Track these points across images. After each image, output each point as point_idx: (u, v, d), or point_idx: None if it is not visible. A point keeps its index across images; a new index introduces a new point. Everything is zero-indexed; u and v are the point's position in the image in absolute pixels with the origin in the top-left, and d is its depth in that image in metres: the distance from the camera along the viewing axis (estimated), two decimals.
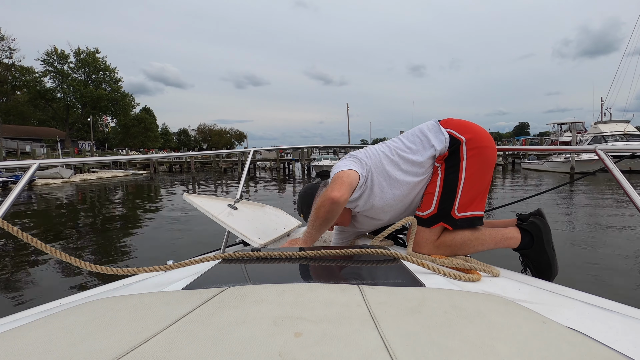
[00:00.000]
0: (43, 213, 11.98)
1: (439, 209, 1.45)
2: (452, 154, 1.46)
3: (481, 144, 1.47)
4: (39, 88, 42.78)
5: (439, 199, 1.45)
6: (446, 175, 1.46)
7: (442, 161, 1.48)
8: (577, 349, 0.51)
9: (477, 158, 1.45)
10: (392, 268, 1.07)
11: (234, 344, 0.51)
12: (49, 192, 18.50)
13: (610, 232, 6.89)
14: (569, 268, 4.45)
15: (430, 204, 1.46)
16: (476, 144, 1.46)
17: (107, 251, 6.52)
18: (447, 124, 1.53)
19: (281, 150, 32.81)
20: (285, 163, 38.39)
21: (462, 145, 1.45)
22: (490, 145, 1.49)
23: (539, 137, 46.61)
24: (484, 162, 1.47)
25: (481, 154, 1.46)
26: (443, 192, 1.45)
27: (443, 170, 1.47)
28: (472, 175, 1.44)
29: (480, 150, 1.46)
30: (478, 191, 1.46)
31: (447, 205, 1.44)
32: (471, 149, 1.45)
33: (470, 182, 1.44)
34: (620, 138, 23.82)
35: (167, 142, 73.87)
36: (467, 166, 1.44)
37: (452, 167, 1.46)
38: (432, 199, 1.47)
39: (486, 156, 1.47)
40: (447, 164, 1.47)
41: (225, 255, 1.18)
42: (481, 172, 1.46)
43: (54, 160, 1.54)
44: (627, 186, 1.33)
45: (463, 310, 0.63)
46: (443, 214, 1.44)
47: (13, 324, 0.81)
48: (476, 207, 1.45)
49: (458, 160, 1.45)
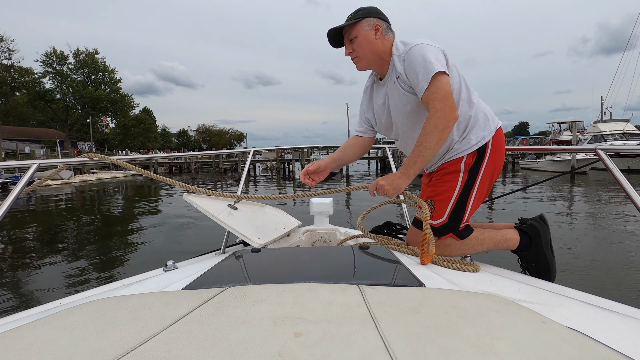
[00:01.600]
0: (42, 214, 11.98)
1: (450, 218, 1.43)
2: (476, 165, 1.44)
3: (497, 164, 1.48)
4: (38, 89, 42.68)
5: (453, 209, 1.43)
6: (465, 186, 1.44)
7: (467, 168, 1.44)
8: (577, 349, 0.51)
9: (489, 175, 1.46)
10: (392, 268, 1.07)
11: (234, 344, 0.51)
12: (48, 193, 18.47)
13: (610, 231, 6.88)
14: (569, 268, 4.46)
15: (443, 213, 1.44)
16: (494, 163, 1.46)
17: (107, 252, 6.50)
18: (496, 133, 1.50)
19: (281, 151, 32.80)
20: (285, 163, 38.37)
21: (486, 158, 1.44)
22: (500, 168, 1.50)
23: (539, 137, 46.59)
24: (490, 181, 1.48)
25: (494, 173, 1.47)
26: (457, 203, 1.43)
27: (464, 180, 1.44)
28: (481, 191, 1.46)
29: (494, 170, 1.47)
30: (479, 204, 1.48)
31: (458, 216, 1.43)
32: (489, 166, 1.45)
33: (478, 198, 1.45)
34: (620, 137, 23.83)
35: (167, 142, 73.82)
36: (481, 182, 1.44)
37: (471, 180, 1.44)
38: (445, 207, 1.43)
39: (493, 178, 1.49)
40: (470, 174, 1.44)
41: (225, 255, 1.18)
42: (487, 188, 1.49)
43: (54, 160, 1.54)
44: (627, 186, 1.33)
45: (463, 310, 0.63)
46: (453, 225, 1.43)
47: (13, 324, 0.81)
48: (469, 219, 1.48)
49: (477, 174, 1.44)
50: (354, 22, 1.45)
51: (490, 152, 1.43)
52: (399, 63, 1.42)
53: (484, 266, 1.33)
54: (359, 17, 1.46)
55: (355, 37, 1.47)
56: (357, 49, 1.48)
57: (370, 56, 1.49)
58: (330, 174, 1.61)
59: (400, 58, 1.41)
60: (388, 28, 1.50)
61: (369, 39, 1.46)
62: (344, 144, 1.73)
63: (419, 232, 1.47)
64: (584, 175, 19.49)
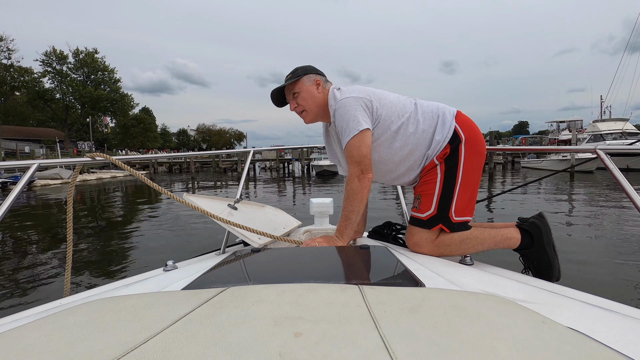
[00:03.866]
0: (42, 214, 11.97)
1: (438, 210, 1.45)
2: (452, 154, 1.46)
3: (478, 148, 1.49)
4: (38, 89, 42.67)
5: (439, 200, 1.45)
6: (445, 177, 1.46)
7: (442, 160, 1.48)
8: (577, 349, 0.51)
9: (472, 161, 1.47)
10: (392, 268, 1.07)
11: (234, 344, 0.51)
12: (48, 193, 18.46)
13: (609, 231, 6.88)
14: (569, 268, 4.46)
15: (430, 205, 1.46)
16: (474, 147, 1.48)
17: (107, 252, 6.51)
18: (458, 117, 1.53)
19: (280, 150, 32.83)
20: (284, 163, 38.39)
21: (461, 144, 1.46)
22: (483, 152, 1.52)
23: (538, 136, 46.69)
24: (476, 167, 1.50)
25: (475, 158, 1.48)
26: (442, 194, 1.45)
27: (443, 171, 1.47)
28: (467, 179, 1.46)
29: (475, 155, 1.48)
30: (471, 195, 1.49)
31: (446, 206, 1.45)
32: (469, 150, 1.46)
33: (465, 185, 1.46)
34: (619, 136, 23.88)
35: (167, 142, 73.86)
36: (464, 169, 1.45)
37: (451, 169, 1.46)
38: (431, 200, 1.46)
39: (479, 162, 1.50)
40: (447, 164, 1.47)
41: (225, 255, 1.18)
42: (474, 176, 1.49)
43: (54, 160, 1.54)
44: (626, 186, 1.33)
45: (463, 310, 0.63)
46: (442, 216, 1.45)
47: (13, 324, 0.81)
48: (469, 212, 1.49)
49: (456, 162, 1.46)
50: (296, 80, 1.59)
51: (462, 134, 1.47)
52: (332, 114, 1.53)
53: (484, 266, 1.33)
54: (299, 74, 1.60)
55: (298, 93, 1.60)
56: (301, 103, 1.60)
57: (315, 109, 1.61)
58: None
59: (332, 109, 1.52)
60: (326, 80, 1.65)
61: (312, 93, 1.60)
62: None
63: (417, 230, 1.47)
64: (590, 175, 19.54)
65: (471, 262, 1.38)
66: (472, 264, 1.36)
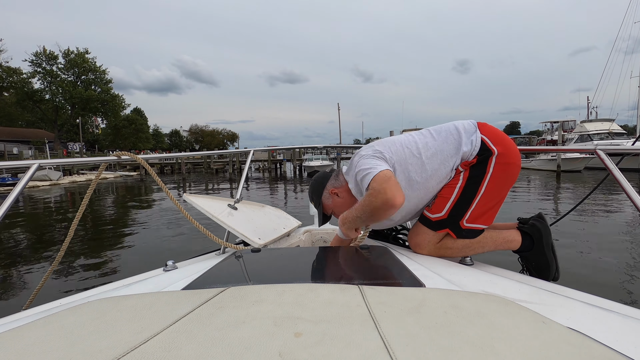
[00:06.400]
0: (33, 216, 11.78)
1: (449, 215, 1.41)
2: (480, 164, 1.40)
3: (510, 159, 1.42)
4: (27, 89, 42.03)
5: (452, 206, 1.41)
6: (467, 185, 1.40)
7: (467, 167, 1.41)
8: (577, 349, 0.51)
9: (502, 173, 1.40)
10: (392, 268, 1.07)
11: (234, 344, 0.51)
12: (37, 195, 18.18)
13: (609, 230, 6.91)
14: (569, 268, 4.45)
15: (442, 208, 1.42)
16: (506, 159, 1.41)
17: (106, 252, 6.41)
18: (482, 128, 1.46)
19: (273, 151, 32.75)
20: (277, 163, 38.32)
21: (492, 157, 1.39)
22: (518, 163, 1.44)
23: (528, 136, 47.22)
24: (507, 179, 1.43)
25: (508, 170, 1.41)
26: (458, 201, 1.40)
27: (465, 178, 1.41)
28: (492, 190, 1.40)
29: (508, 167, 1.41)
30: (491, 206, 1.43)
31: (459, 214, 1.40)
32: (499, 164, 1.39)
33: (488, 197, 1.40)
34: (606, 136, 24.29)
35: (159, 143, 73.20)
36: (491, 180, 1.39)
37: (475, 177, 1.40)
38: (445, 204, 1.42)
39: (512, 173, 1.43)
40: (472, 172, 1.40)
41: (225, 255, 1.17)
42: (502, 187, 1.42)
43: (55, 160, 1.53)
44: (626, 186, 1.34)
45: (463, 310, 0.63)
46: (451, 222, 1.41)
47: (13, 324, 0.80)
48: (485, 221, 1.43)
49: (483, 172, 1.39)
50: (320, 205, 1.65)
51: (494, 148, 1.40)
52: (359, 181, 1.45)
53: (484, 266, 1.33)
54: (317, 201, 1.66)
55: (332, 211, 1.66)
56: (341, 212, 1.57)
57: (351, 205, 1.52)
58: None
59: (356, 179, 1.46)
60: (335, 178, 1.65)
61: (337, 203, 1.63)
62: None
63: (423, 230, 1.45)
64: (578, 174, 19.81)
65: (471, 262, 1.38)
66: (472, 264, 1.36)
